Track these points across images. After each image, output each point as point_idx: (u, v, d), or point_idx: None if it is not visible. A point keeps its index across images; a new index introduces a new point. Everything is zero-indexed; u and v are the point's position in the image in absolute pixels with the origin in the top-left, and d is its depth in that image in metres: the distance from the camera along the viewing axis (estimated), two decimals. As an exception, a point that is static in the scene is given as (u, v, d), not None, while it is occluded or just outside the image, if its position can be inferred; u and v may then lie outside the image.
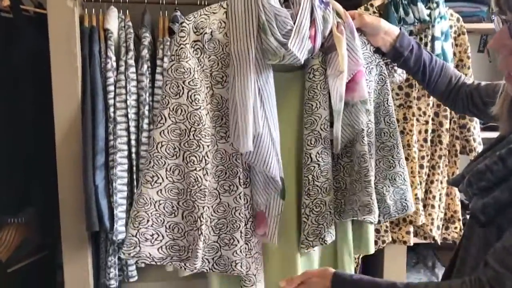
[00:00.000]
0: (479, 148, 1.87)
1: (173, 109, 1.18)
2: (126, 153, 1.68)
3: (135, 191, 1.68)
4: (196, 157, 1.18)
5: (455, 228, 1.93)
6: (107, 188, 1.68)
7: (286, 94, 1.27)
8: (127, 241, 1.19)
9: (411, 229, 1.87)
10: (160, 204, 1.19)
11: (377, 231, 1.86)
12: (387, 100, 1.35)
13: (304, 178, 1.27)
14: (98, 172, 1.65)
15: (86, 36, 1.68)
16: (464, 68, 1.85)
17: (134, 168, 1.70)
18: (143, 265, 1.86)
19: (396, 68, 1.66)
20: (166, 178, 1.19)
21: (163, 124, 1.18)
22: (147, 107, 1.69)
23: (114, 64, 1.69)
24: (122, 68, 1.68)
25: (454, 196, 1.92)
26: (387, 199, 1.37)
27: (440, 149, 1.87)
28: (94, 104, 1.66)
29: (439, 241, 1.92)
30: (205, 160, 1.18)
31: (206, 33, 1.18)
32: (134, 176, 1.70)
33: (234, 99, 1.15)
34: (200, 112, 1.18)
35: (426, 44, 1.78)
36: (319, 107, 1.25)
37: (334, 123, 1.23)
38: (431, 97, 1.80)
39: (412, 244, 1.90)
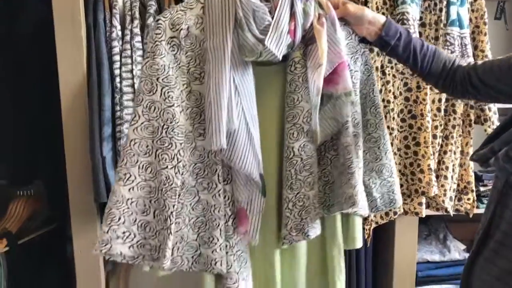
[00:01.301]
0: (494, 118, 1.82)
1: (146, 106, 1.17)
2: (133, 124, 1.66)
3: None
4: (168, 155, 1.17)
5: (468, 199, 1.90)
6: (115, 159, 1.67)
7: (268, 88, 1.25)
8: (99, 238, 1.17)
9: (423, 200, 1.84)
10: (132, 202, 1.18)
11: (386, 213, 1.83)
12: (373, 90, 1.32)
13: (286, 172, 1.25)
14: (105, 143, 1.63)
15: (90, 5, 1.64)
16: (480, 35, 1.79)
17: (142, 139, 1.67)
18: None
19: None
20: (139, 176, 1.18)
21: (137, 121, 1.17)
22: (153, 77, 1.66)
23: (120, 33, 1.66)
24: (127, 37, 1.64)
25: (467, 167, 1.88)
26: (373, 191, 1.35)
27: (454, 118, 1.82)
28: (99, 74, 1.63)
29: (451, 213, 1.90)
30: (177, 158, 1.17)
31: (182, 29, 1.16)
32: (142, 148, 1.67)
33: (209, 96, 1.13)
34: (173, 109, 1.16)
35: (441, 10, 1.72)
36: (301, 100, 1.22)
37: (312, 116, 1.21)
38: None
39: (424, 216, 1.87)
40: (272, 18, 1.13)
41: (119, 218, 1.18)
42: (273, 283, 1.33)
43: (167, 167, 1.17)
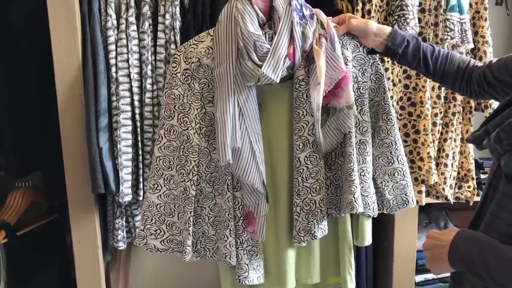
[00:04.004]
0: (495, 105, 1.80)
1: (167, 129, 1.41)
2: (129, 114, 1.64)
3: (140, 152, 1.66)
4: (185, 170, 1.40)
5: (469, 187, 1.88)
6: (112, 150, 1.65)
7: (277, 104, 1.41)
8: (138, 234, 1.48)
9: (423, 188, 1.83)
10: (161, 206, 1.46)
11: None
12: (384, 98, 1.43)
13: (294, 179, 1.40)
14: (102, 134, 1.62)
15: (84, -7, 1.62)
16: (480, 20, 1.77)
17: (139, 129, 1.66)
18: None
19: (408, 21, 1.60)
20: (164, 186, 1.44)
21: (160, 141, 1.42)
22: (149, 67, 1.64)
23: (115, 22, 1.63)
24: (123, 26, 1.62)
25: (468, 155, 1.86)
26: (386, 193, 1.49)
27: (454, 105, 1.81)
28: (95, 64, 1.61)
29: (451, 201, 1.89)
30: (192, 173, 1.39)
31: (193, 62, 1.36)
32: (139, 138, 1.66)
33: (216, 118, 1.32)
34: (188, 132, 1.39)
35: (440, -5, 1.69)
36: (306, 114, 1.37)
37: (316, 127, 1.35)
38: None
39: (424, 204, 1.86)
40: (271, 44, 1.27)
41: (151, 219, 1.46)
42: (285, 275, 1.49)
43: (184, 180, 1.40)
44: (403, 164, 1.47)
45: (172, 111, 1.39)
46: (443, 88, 1.78)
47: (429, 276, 2.06)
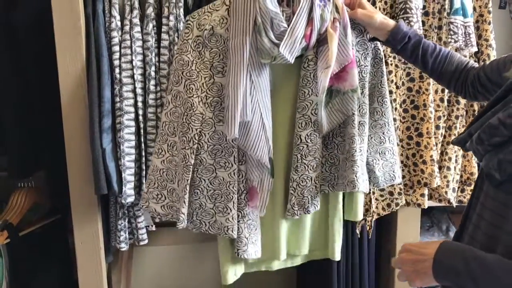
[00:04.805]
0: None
1: (174, 95, 1.40)
2: (133, 115, 1.65)
3: (143, 154, 1.67)
4: (186, 137, 1.38)
5: (471, 190, 1.87)
6: (115, 151, 1.66)
7: (284, 81, 1.43)
8: (142, 196, 1.51)
9: (426, 191, 1.83)
10: (163, 171, 1.46)
11: (390, 193, 1.82)
12: (381, 81, 1.48)
13: (293, 156, 1.44)
14: (105, 135, 1.62)
15: (89, -6, 1.62)
16: (484, 24, 1.77)
17: (142, 130, 1.66)
18: (153, 228, 1.86)
19: (412, 24, 1.60)
20: (167, 151, 1.44)
21: (167, 107, 1.42)
22: (153, 68, 1.64)
23: (119, 23, 1.64)
24: (127, 28, 1.63)
25: (470, 158, 1.86)
26: (376, 170, 1.54)
27: (457, 109, 1.81)
28: (99, 65, 1.61)
29: (454, 204, 1.88)
30: (193, 141, 1.38)
31: (206, 29, 1.34)
32: (142, 139, 1.66)
33: (227, 90, 1.31)
34: (192, 100, 1.37)
35: (444, -2, 1.69)
36: (311, 94, 1.39)
37: (319, 109, 1.38)
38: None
39: (426, 207, 1.86)
40: (289, 24, 1.27)
41: (154, 183, 1.47)
42: (279, 247, 1.56)
43: (184, 147, 1.39)
44: (393, 144, 1.54)
45: (180, 77, 1.38)
46: (446, 91, 1.78)
47: (431, 279, 2.05)
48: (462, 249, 0.94)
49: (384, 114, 1.51)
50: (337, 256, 1.63)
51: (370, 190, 1.67)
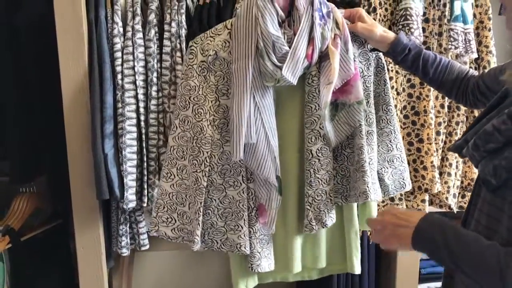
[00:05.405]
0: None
1: (181, 120, 1.43)
2: (134, 121, 1.65)
3: (145, 159, 1.67)
4: (197, 161, 1.41)
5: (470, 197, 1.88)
6: (117, 157, 1.66)
7: (290, 98, 1.44)
8: (151, 221, 1.51)
9: (427, 197, 1.83)
10: (173, 195, 1.48)
11: (391, 199, 1.82)
12: (384, 89, 1.49)
13: (306, 171, 1.44)
14: (107, 141, 1.62)
15: (91, 1, 1.63)
16: (484, 30, 1.78)
17: (144, 136, 1.67)
18: (155, 234, 1.86)
19: (413, 30, 1.61)
20: (177, 175, 1.46)
21: (175, 131, 1.44)
22: (155, 74, 1.65)
23: (121, 29, 1.65)
24: (129, 34, 1.64)
25: (471, 164, 1.87)
26: (385, 179, 1.54)
27: (458, 115, 1.81)
28: (101, 71, 1.62)
29: (455, 210, 1.89)
30: (205, 164, 1.41)
31: (210, 55, 1.37)
32: (144, 145, 1.67)
33: (232, 114, 1.33)
34: (201, 124, 1.40)
35: (444, 5, 1.71)
36: (318, 108, 1.39)
37: (324, 123, 1.38)
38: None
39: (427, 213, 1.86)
40: (290, 46, 1.28)
41: (164, 207, 1.48)
42: (292, 260, 1.54)
43: (196, 170, 1.41)
44: (401, 151, 1.55)
45: (187, 102, 1.40)
46: (446, 98, 1.79)
47: (432, 285, 2.05)
48: (445, 223, 0.97)
49: (390, 121, 1.51)
50: (357, 270, 1.60)
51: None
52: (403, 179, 1.57)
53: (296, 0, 1.29)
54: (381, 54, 1.46)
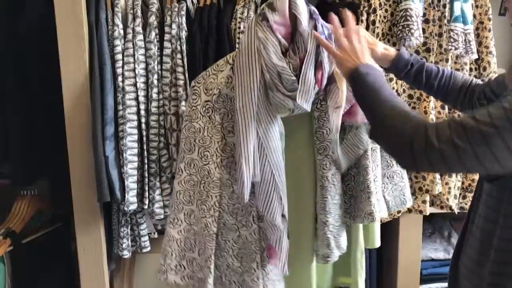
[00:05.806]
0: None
1: (187, 163, 1.36)
2: (135, 123, 1.65)
3: (146, 161, 1.67)
4: (206, 206, 1.35)
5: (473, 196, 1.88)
6: (118, 159, 1.66)
7: (298, 125, 1.40)
8: (159, 268, 1.44)
9: (427, 198, 1.83)
10: (181, 241, 1.41)
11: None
12: None
13: (323, 199, 1.39)
14: (108, 143, 1.63)
15: (92, 3, 1.64)
16: (484, 31, 1.78)
17: (144, 138, 1.67)
18: (156, 236, 1.86)
19: (413, 31, 1.61)
20: (184, 221, 1.40)
21: (180, 175, 1.37)
22: (156, 76, 1.65)
23: (122, 31, 1.65)
24: (129, 36, 1.64)
25: (472, 164, 1.86)
26: (385, 195, 1.51)
27: (458, 116, 1.81)
28: (102, 73, 1.63)
29: (456, 211, 1.88)
30: (214, 208, 1.35)
31: (214, 94, 1.31)
32: (144, 147, 1.67)
33: (238, 154, 1.26)
34: (208, 167, 1.33)
35: (444, 6, 1.71)
36: (329, 133, 1.35)
37: (335, 148, 1.34)
38: (449, 62, 1.74)
39: (428, 214, 1.86)
40: (298, 74, 1.23)
41: (172, 254, 1.42)
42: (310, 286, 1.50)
43: (205, 216, 1.35)
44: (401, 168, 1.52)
45: (193, 145, 1.35)
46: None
47: (433, 286, 2.05)
48: (382, 75, 1.09)
49: None
50: None
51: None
52: (403, 195, 1.55)
53: (299, 26, 1.23)
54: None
